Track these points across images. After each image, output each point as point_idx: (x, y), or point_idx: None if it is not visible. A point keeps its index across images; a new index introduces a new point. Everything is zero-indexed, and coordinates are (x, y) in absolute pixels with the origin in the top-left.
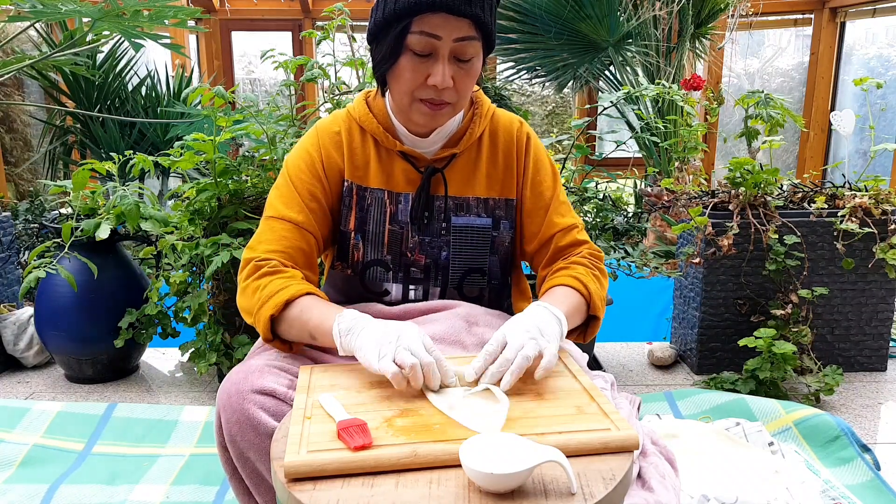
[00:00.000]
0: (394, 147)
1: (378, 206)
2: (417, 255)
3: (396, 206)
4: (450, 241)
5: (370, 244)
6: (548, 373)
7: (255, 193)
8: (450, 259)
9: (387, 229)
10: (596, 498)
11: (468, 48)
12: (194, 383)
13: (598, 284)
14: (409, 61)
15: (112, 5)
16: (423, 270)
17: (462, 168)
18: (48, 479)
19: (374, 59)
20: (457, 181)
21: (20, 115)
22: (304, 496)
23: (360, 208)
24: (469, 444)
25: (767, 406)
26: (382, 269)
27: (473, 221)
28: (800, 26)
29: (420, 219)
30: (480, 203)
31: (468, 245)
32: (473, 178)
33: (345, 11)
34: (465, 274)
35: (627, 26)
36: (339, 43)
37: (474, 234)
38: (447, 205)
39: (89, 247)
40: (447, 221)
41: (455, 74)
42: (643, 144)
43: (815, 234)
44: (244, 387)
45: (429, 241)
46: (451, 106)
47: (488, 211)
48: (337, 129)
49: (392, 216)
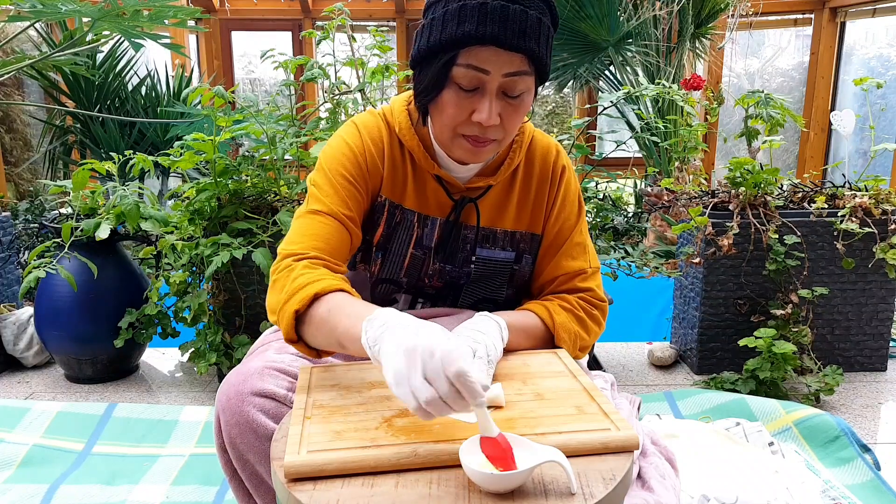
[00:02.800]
0: (431, 169)
1: (406, 227)
2: (436, 282)
3: (423, 231)
4: (470, 272)
5: (389, 263)
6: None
7: (255, 193)
8: (466, 285)
9: (409, 253)
10: (596, 498)
11: (519, 83)
12: (194, 383)
13: (578, 324)
14: (454, 96)
15: (112, 5)
16: (436, 290)
17: (494, 199)
18: (48, 479)
19: (416, 87)
20: (487, 212)
21: (20, 115)
22: (303, 496)
23: (388, 225)
24: (469, 445)
25: (767, 406)
26: (395, 287)
27: (498, 255)
28: (800, 26)
29: (447, 249)
30: (507, 236)
31: (488, 277)
32: (505, 210)
33: (345, 11)
34: (477, 301)
35: (627, 26)
36: (339, 43)
37: (496, 267)
38: (477, 236)
39: (89, 247)
40: (473, 253)
41: (503, 111)
42: (643, 144)
43: (816, 234)
44: (243, 389)
45: (449, 270)
46: (496, 143)
47: (514, 244)
48: (380, 136)
49: (417, 240)
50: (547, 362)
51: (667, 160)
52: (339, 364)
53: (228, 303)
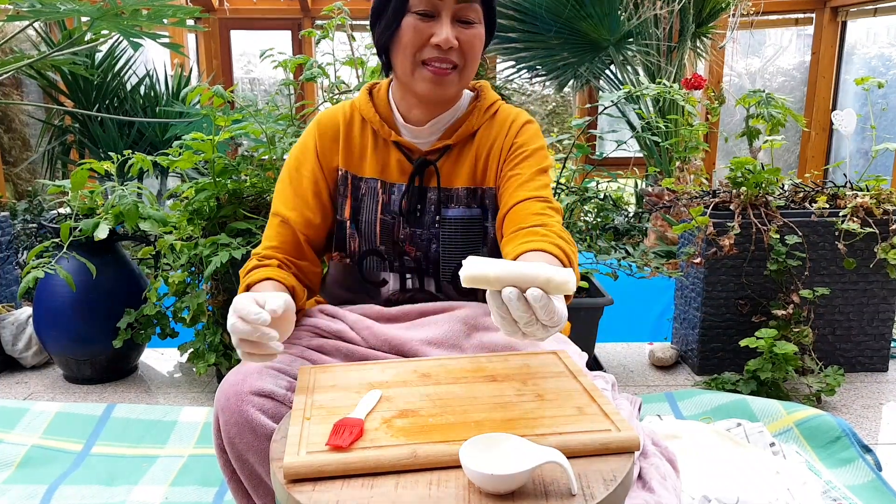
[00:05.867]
0: (389, 136)
1: (371, 195)
2: (408, 246)
3: (389, 196)
4: (439, 233)
5: (363, 234)
6: None
7: (254, 193)
8: (440, 252)
9: (378, 219)
10: (596, 499)
11: (470, 11)
12: (193, 384)
13: (571, 247)
14: (412, 22)
15: (111, 4)
16: (415, 261)
17: (454, 160)
18: (47, 479)
19: (377, 36)
20: (448, 173)
21: (19, 115)
22: (303, 497)
23: (354, 198)
24: (469, 445)
25: (768, 406)
26: (378, 258)
27: (464, 213)
28: (801, 25)
29: (412, 211)
30: (469, 193)
31: (459, 238)
32: (463, 167)
33: (344, 10)
34: (458, 268)
35: (628, 25)
36: (338, 42)
37: (465, 225)
38: (440, 197)
39: (88, 247)
40: (439, 214)
41: (459, 35)
42: (644, 144)
43: (817, 234)
44: (243, 389)
45: (419, 234)
46: (457, 72)
47: (478, 201)
48: (336, 119)
49: (384, 206)
50: (547, 362)
51: (668, 160)
52: (339, 364)
53: (227, 303)
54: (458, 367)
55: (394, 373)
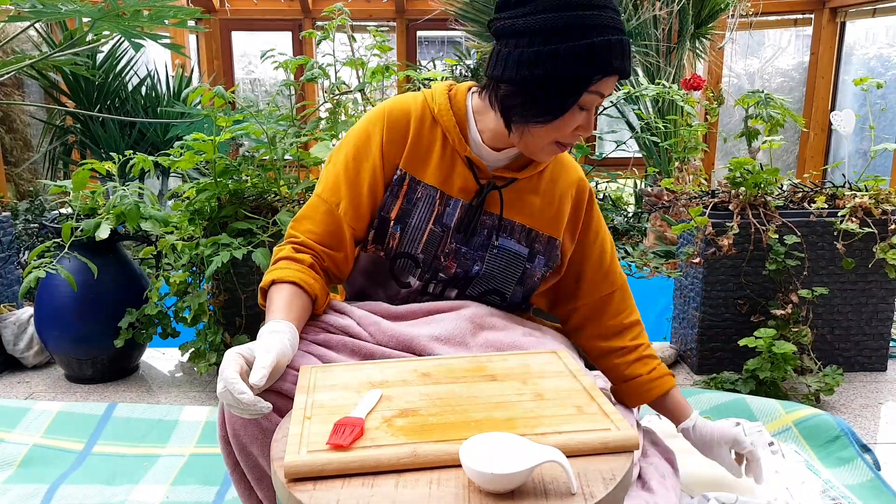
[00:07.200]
0: (463, 150)
1: (427, 202)
2: (451, 262)
3: (444, 209)
4: (485, 258)
5: (408, 237)
6: None
7: (256, 193)
8: (480, 274)
9: (429, 228)
10: (596, 498)
11: None
12: (194, 383)
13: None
14: (574, 116)
15: (112, 5)
16: (452, 277)
17: (518, 193)
18: (48, 479)
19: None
20: (509, 204)
21: (20, 115)
22: (303, 496)
23: (407, 200)
24: (469, 444)
25: (767, 406)
26: (413, 263)
27: (513, 246)
28: (800, 26)
29: (468, 230)
30: (524, 231)
31: (500, 268)
32: (526, 206)
33: (345, 11)
34: (485, 292)
35: (627, 26)
36: (339, 43)
37: (509, 259)
38: (500, 224)
39: (89, 247)
40: (490, 239)
41: None
42: (643, 144)
43: (816, 234)
44: None
45: (464, 252)
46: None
47: (528, 241)
48: (408, 113)
49: (437, 217)
50: (547, 362)
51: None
52: (339, 364)
53: (228, 303)
54: (459, 367)
55: (394, 372)
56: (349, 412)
